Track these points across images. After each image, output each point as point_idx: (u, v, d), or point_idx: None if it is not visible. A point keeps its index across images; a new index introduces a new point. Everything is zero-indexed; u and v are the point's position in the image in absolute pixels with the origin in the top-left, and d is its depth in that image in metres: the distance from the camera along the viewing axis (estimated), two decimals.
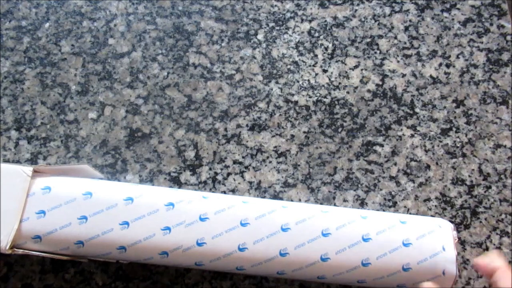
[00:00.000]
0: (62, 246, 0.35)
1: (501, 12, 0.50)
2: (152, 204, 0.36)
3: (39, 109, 0.45)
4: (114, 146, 0.44)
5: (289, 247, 0.35)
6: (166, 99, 0.46)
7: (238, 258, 0.35)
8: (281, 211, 0.36)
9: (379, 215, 0.37)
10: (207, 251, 0.35)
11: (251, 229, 0.35)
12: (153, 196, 0.36)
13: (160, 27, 0.49)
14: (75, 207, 0.35)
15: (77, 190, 0.36)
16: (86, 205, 0.35)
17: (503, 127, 0.46)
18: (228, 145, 0.45)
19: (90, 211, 0.35)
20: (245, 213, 0.36)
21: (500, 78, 0.48)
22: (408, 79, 0.48)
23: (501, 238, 0.42)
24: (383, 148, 0.45)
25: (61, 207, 0.35)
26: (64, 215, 0.35)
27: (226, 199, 0.37)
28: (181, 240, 0.35)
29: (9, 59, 0.47)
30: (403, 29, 0.50)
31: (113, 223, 0.35)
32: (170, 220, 0.35)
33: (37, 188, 0.36)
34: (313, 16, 0.50)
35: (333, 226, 0.35)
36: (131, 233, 0.35)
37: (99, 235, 0.35)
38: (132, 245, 0.35)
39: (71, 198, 0.35)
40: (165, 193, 0.37)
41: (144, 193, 0.36)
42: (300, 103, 0.47)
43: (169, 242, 0.35)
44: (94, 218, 0.35)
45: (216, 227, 0.35)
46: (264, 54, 0.48)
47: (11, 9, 0.49)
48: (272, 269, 0.35)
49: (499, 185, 0.44)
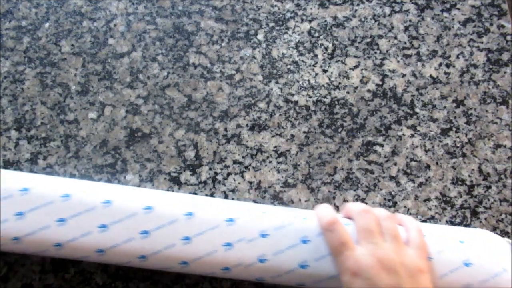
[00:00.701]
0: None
1: (501, 12, 0.50)
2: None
3: (39, 109, 0.45)
4: (114, 146, 0.44)
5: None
6: (166, 99, 0.46)
7: (299, 274, 0.35)
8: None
9: (439, 231, 0.37)
10: (268, 268, 0.35)
11: (312, 246, 0.35)
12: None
13: (160, 27, 0.49)
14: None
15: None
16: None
17: (503, 127, 0.46)
18: (228, 145, 0.45)
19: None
20: (306, 229, 0.35)
21: (500, 78, 0.48)
22: (408, 79, 0.48)
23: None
24: (383, 148, 0.45)
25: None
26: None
27: (285, 214, 0.37)
28: (243, 256, 0.34)
29: (9, 59, 0.47)
30: (403, 29, 0.50)
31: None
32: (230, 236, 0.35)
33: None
34: (313, 16, 0.50)
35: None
36: (192, 248, 0.35)
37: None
38: (195, 261, 0.34)
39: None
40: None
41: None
42: (300, 103, 0.47)
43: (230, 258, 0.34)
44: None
45: (277, 243, 0.35)
46: (264, 54, 0.48)
47: (11, 9, 0.49)
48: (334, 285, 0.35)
49: (499, 185, 0.44)
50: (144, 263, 0.35)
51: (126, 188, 0.38)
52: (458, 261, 0.35)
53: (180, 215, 0.35)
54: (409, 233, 0.35)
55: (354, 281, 0.32)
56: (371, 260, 0.32)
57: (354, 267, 0.32)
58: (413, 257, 0.33)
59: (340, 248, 0.33)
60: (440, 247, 0.35)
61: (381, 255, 0.33)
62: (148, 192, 0.37)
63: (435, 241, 0.35)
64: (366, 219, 0.35)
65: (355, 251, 0.33)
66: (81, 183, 0.37)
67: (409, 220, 0.37)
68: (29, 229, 0.34)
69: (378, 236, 0.34)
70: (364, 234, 0.34)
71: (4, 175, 0.36)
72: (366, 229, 0.34)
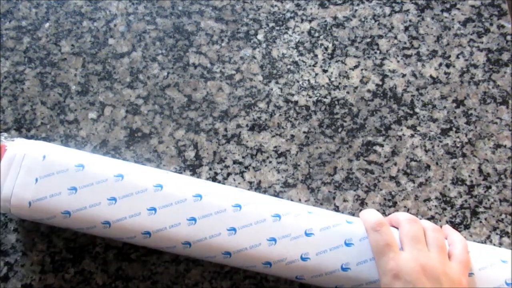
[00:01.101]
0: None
1: (501, 12, 0.50)
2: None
3: (39, 109, 0.45)
4: (114, 146, 0.44)
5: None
6: (166, 99, 0.46)
7: (340, 276, 0.35)
8: None
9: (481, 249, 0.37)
10: (310, 267, 0.35)
11: (355, 249, 0.35)
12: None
13: (160, 27, 0.49)
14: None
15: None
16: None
17: (503, 127, 0.46)
18: (228, 145, 0.45)
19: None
20: (350, 233, 0.35)
21: (500, 78, 0.48)
22: (408, 79, 0.48)
23: (501, 238, 0.42)
24: (383, 148, 0.45)
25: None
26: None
27: (331, 216, 0.37)
28: (286, 253, 0.35)
29: (9, 59, 0.47)
30: (403, 29, 0.50)
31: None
32: (276, 231, 0.35)
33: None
34: (313, 16, 0.50)
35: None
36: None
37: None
38: (237, 252, 0.35)
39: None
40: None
41: (249, 199, 0.37)
42: (300, 103, 0.47)
43: (273, 253, 0.35)
44: (203, 220, 0.35)
45: (321, 243, 0.35)
46: (264, 54, 0.48)
47: (11, 9, 0.49)
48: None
49: (499, 185, 0.44)
50: (187, 250, 0.36)
51: (178, 176, 0.39)
52: (500, 280, 0.35)
53: (228, 206, 0.36)
54: (454, 247, 0.35)
55: (395, 283, 0.32)
56: (414, 265, 0.32)
57: (396, 269, 0.32)
58: (456, 270, 0.33)
59: (384, 249, 0.33)
60: (482, 264, 0.35)
61: (425, 262, 0.33)
62: (199, 182, 0.38)
63: (478, 258, 0.36)
64: (413, 226, 0.35)
65: (399, 254, 0.33)
66: (135, 167, 0.38)
67: (455, 235, 0.37)
68: (80, 205, 0.35)
69: (423, 244, 0.34)
70: (410, 241, 0.34)
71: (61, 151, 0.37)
72: (412, 236, 0.34)
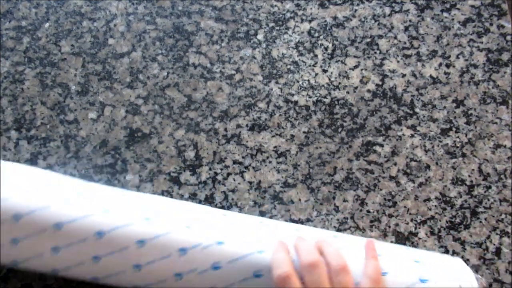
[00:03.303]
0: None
1: (501, 12, 0.50)
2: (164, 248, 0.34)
3: (39, 109, 0.45)
4: (114, 146, 0.44)
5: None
6: (166, 99, 0.46)
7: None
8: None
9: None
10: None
11: (263, 281, 0.33)
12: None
13: (160, 27, 0.49)
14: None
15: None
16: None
17: (503, 127, 0.46)
18: (228, 145, 0.45)
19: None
20: (260, 263, 0.34)
21: (500, 78, 0.48)
22: (408, 79, 0.48)
23: (501, 238, 0.42)
24: (383, 148, 0.45)
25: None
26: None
27: (242, 247, 0.35)
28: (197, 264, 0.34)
29: (9, 59, 0.47)
30: (403, 29, 0.50)
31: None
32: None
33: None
34: (313, 16, 0.50)
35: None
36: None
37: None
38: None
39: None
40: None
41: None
42: (300, 103, 0.47)
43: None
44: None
45: (229, 277, 0.34)
46: (264, 54, 0.48)
47: (11, 9, 0.49)
48: None
49: (499, 185, 0.44)
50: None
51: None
52: (414, 278, 0.34)
53: (132, 242, 0.33)
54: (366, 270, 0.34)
55: None
56: None
57: None
58: None
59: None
60: (396, 266, 0.34)
61: None
62: (98, 218, 0.34)
63: (391, 260, 0.35)
64: (313, 275, 0.33)
65: None
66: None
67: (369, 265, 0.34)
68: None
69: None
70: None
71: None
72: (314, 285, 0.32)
